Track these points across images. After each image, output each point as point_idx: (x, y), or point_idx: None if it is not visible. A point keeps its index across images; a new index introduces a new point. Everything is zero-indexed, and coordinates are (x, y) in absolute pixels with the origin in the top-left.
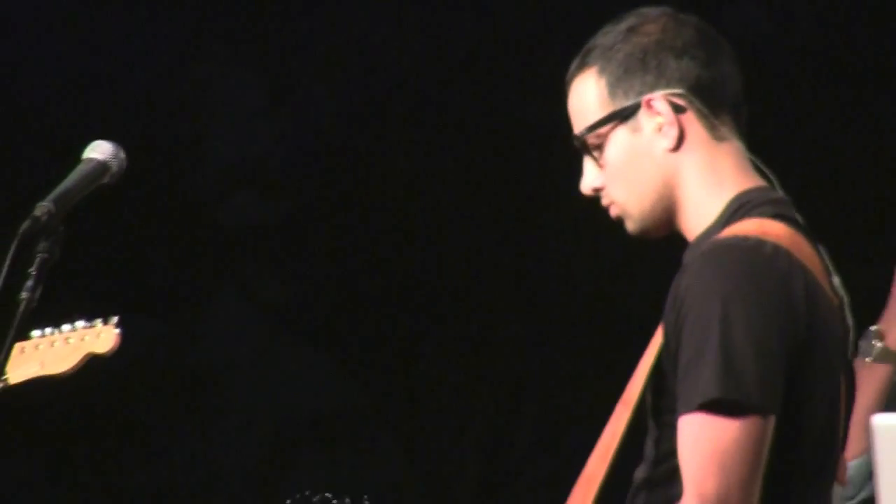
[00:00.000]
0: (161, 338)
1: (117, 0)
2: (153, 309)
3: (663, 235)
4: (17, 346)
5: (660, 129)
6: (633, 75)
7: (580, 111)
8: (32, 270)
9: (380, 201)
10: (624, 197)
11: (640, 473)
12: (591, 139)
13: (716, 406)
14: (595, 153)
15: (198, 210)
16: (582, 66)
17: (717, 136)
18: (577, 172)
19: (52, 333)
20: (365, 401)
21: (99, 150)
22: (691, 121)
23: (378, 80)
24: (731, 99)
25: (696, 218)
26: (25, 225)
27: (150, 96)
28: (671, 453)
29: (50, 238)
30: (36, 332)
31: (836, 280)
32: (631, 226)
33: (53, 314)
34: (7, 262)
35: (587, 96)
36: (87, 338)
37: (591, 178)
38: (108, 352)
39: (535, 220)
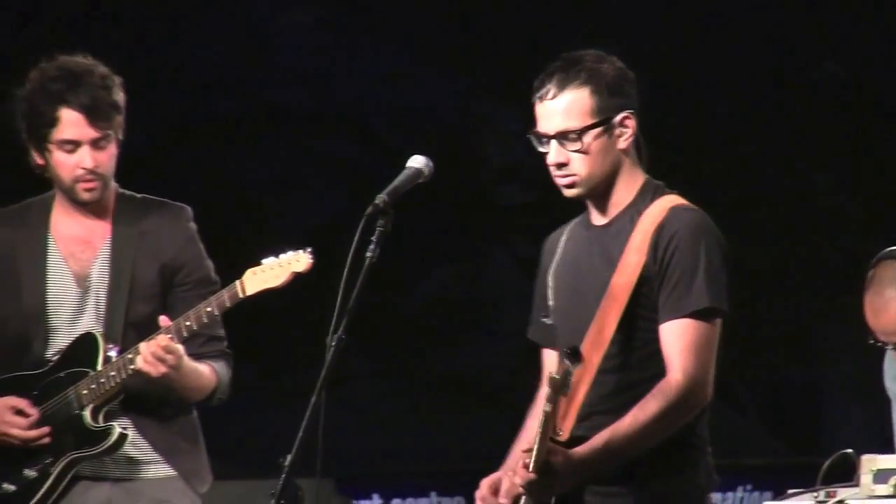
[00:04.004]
0: (457, 279)
1: (428, 60)
2: (452, 260)
3: (588, 199)
4: (251, 270)
5: (621, 135)
6: (613, 97)
7: (570, 113)
8: (373, 238)
9: None
10: (587, 172)
11: (609, 363)
12: (575, 133)
13: (704, 312)
14: (569, 142)
15: (479, 197)
16: (576, 83)
17: (636, 142)
18: None
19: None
20: None
21: (416, 161)
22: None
23: None
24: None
25: (624, 192)
26: (369, 209)
27: (451, 124)
28: (642, 346)
29: (385, 217)
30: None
31: None
32: (578, 190)
33: (406, 261)
34: (357, 235)
35: (580, 105)
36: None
37: (559, 156)
38: (305, 270)
39: None
